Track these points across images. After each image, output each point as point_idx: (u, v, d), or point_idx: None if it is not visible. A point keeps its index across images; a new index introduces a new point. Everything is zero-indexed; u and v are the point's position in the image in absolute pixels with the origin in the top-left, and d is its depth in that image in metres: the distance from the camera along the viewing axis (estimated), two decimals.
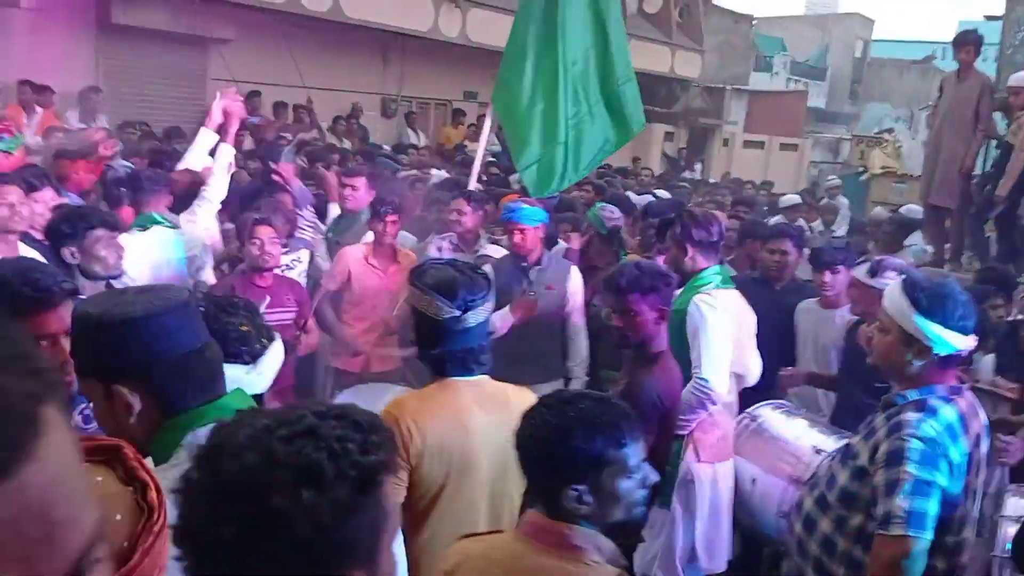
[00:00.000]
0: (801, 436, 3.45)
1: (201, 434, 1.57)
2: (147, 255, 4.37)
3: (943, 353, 2.40)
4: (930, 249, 7.62)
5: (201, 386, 1.67)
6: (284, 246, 4.75)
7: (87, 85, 9.67)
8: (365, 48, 13.27)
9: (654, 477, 1.94)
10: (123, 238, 3.70)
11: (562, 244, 5.42)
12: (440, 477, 2.34)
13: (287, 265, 5.01)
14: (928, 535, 2.26)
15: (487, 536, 2.05)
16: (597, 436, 1.83)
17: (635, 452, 1.89)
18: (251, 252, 4.34)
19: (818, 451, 3.24)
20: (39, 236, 3.75)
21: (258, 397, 1.98)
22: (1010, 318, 4.39)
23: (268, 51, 11.16)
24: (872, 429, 2.51)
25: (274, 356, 2.04)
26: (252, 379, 1.95)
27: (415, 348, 2.58)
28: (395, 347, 4.91)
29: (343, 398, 4.17)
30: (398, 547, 1.91)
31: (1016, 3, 8.07)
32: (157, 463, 1.60)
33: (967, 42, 7.09)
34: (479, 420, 2.40)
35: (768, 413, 3.67)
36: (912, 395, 2.46)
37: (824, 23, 34.54)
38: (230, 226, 5.17)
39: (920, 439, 2.32)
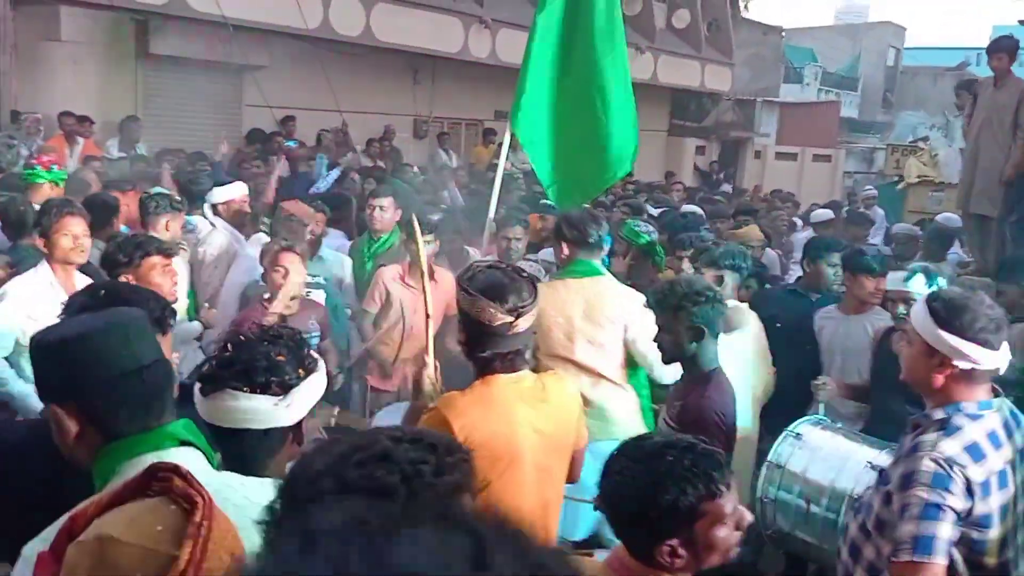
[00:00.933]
0: (852, 452, 3.36)
1: (143, 462, 1.56)
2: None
3: (964, 367, 2.34)
4: (968, 259, 7.51)
5: (139, 410, 1.65)
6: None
7: (127, 115, 9.87)
8: (396, 70, 13.41)
9: (749, 518, 1.88)
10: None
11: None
12: (489, 469, 2.39)
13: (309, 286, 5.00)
14: (939, 559, 2.19)
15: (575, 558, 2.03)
16: (689, 490, 1.76)
17: (730, 500, 1.81)
18: (275, 280, 4.37)
19: (873, 466, 3.15)
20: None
21: (289, 429, 1.95)
22: None
23: (301, 76, 11.32)
24: (901, 452, 2.46)
25: (310, 388, 1.97)
26: (280, 412, 1.89)
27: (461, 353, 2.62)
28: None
29: (382, 416, 4.19)
30: None
31: None
32: (99, 490, 1.59)
33: (1000, 48, 6.99)
34: (523, 413, 2.50)
35: (808, 430, 3.58)
36: (937, 414, 2.40)
37: (855, 32, 34.24)
38: None
39: (932, 460, 2.26)
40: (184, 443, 1.71)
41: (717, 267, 4.33)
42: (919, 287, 3.86)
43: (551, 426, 2.56)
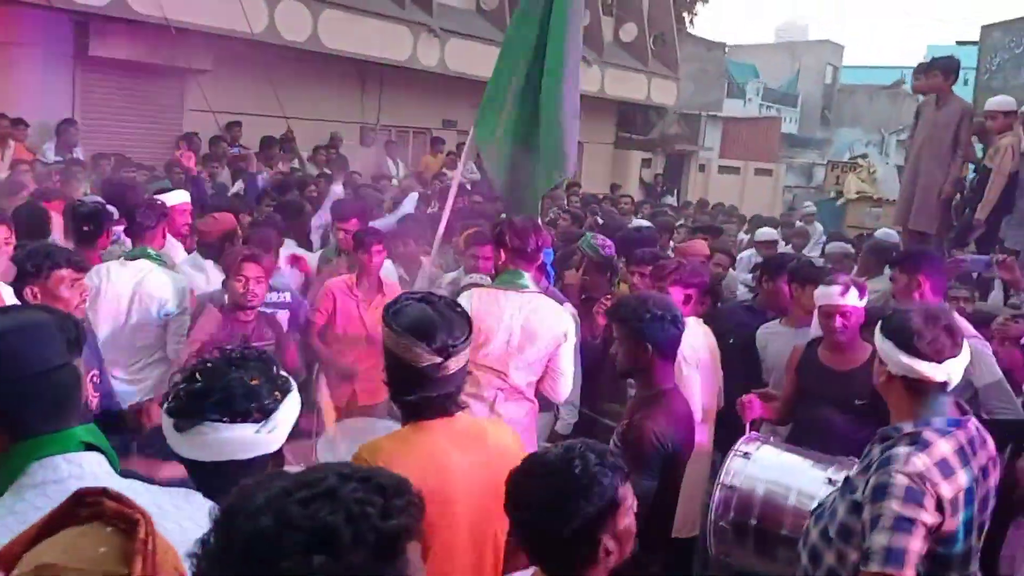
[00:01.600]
0: (804, 468, 3.37)
1: (52, 463, 1.55)
2: (124, 284, 4.36)
3: (921, 382, 2.41)
4: None
5: (48, 412, 1.62)
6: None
7: (64, 118, 9.58)
8: (344, 77, 13.27)
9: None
10: (109, 264, 3.62)
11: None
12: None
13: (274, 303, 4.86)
14: (909, 572, 2.21)
15: None
16: (607, 480, 1.87)
17: (628, 488, 1.94)
18: (235, 289, 4.24)
19: (831, 482, 3.16)
20: None
21: (270, 455, 1.87)
22: None
23: (246, 81, 11.12)
24: (869, 462, 2.47)
25: (289, 410, 1.91)
26: (263, 439, 1.82)
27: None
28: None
29: (328, 433, 4.06)
30: None
31: (991, 29, 8.21)
32: (2, 491, 1.56)
33: (934, 67, 7.16)
34: (456, 461, 2.29)
35: (756, 448, 3.54)
36: (907, 427, 2.42)
37: (795, 50, 35.06)
38: None
39: (906, 475, 2.28)
40: (89, 447, 1.66)
41: (685, 286, 4.36)
42: (852, 300, 3.90)
43: (488, 473, 2.29)
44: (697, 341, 4.11)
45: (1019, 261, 6.34)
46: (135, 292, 4.35)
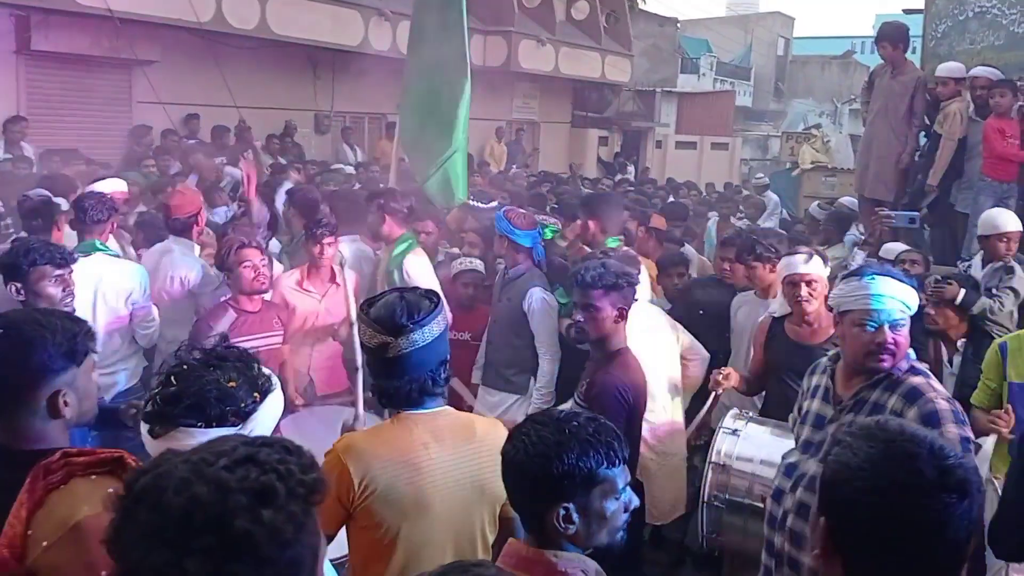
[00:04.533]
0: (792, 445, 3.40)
1: None
2: (84, 280, 4.27)
3: None
4: (863, 238, 7.77)
5: None
6: None
7: (10, 114, 9.35)
8: (295, 64, 13.09)
9: (636, 502, 1.94)
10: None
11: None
12: (394, 519, 2.24)
13: None
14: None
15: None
16: (591, 453, 1.82)
17: (624, 474, 1.89)
18: (244, 276, 4.20)
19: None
20: None
21: None
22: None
23: (195, 71, 10.91)
24: (875, 404, 2.54)
25: (268, 411, 1.89)
26: None
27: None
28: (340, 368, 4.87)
29: (292, 420, 4.03)
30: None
31: None
32: None
33: (883, 37, 7.24)
34: (434, 456, 2.29)
35: (743, 425, 3.52)
36: (902, 364, 2.57)
37: (746, 23, 35.24)
38: None
39: (944, 399, 2.45)
40: None
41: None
42: (817, 269, 3.94)
43: (472, 468, 2.32)
44: (653, 322, 4.18)
45: (968, 224, 6.49)
46: (97, 287, 4.28)
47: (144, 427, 1.83)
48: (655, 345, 4.01)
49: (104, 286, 4.30)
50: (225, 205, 7.68)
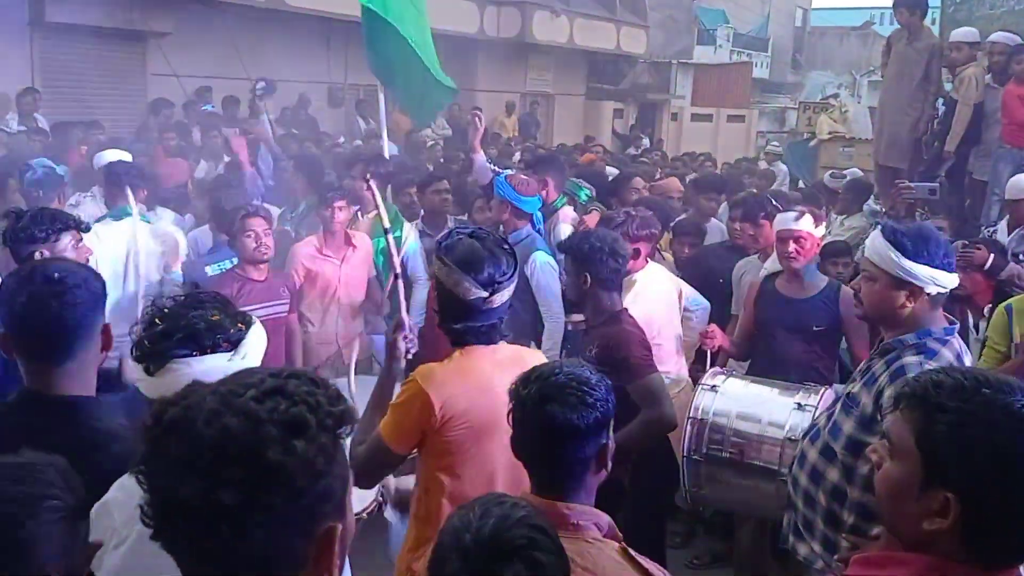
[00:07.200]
0: (771, 397, 3.44)
1: None
2: (116, 244, 4.38)
3: (934, 293, 2.48)
4: (882, 209, 7.70)
5: None
6: None
7: (24, 87, 9.39)
8: (308, 37, 13.03)
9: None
10: (95, 226, 3.63)
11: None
12: (466, 438, 2.42)
13: None
14: None
15: None
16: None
17: None
18: (247, 245, 4.28)
19: (801, 407, 3.24)
20: None
21: None
22: None
23: (209, 44, 10.92)
24: (872, 376, 2.55)
25: (256, 339, 1.94)
26: (237, 365, 1.82)
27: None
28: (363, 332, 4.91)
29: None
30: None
31: None
32: None
33: (901, 3, 7.15)
34: (499, 383, 2.41)
35: (723, 380, 3.58)
36: (910, 339, 2.51)
37: None
38: None
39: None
40: None
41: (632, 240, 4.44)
42: (807, 226, 4.05)
43: None
44: (661, 286, 4.22)
45: (984, 192, 6.42)
46: (129, 251, 4.36)
47: (138, 369, 1.85)
48: (657, 299, 4.08)
49: (136, 249, 4.42)
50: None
